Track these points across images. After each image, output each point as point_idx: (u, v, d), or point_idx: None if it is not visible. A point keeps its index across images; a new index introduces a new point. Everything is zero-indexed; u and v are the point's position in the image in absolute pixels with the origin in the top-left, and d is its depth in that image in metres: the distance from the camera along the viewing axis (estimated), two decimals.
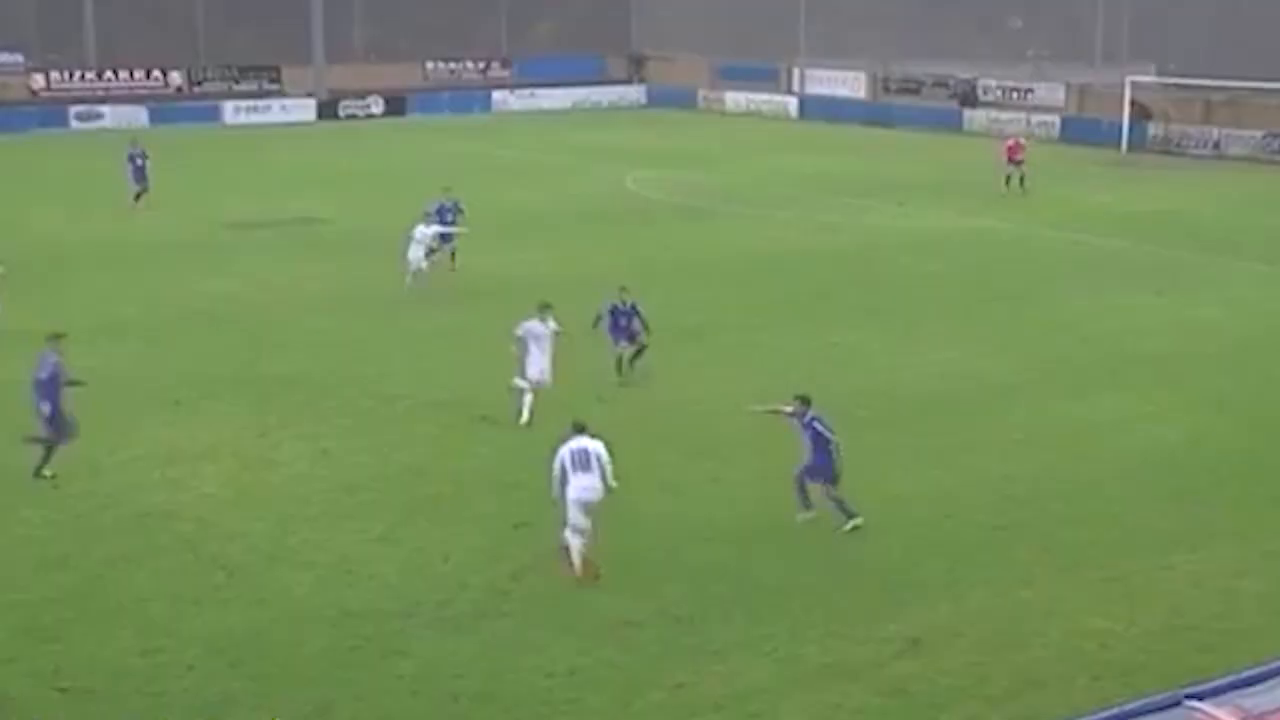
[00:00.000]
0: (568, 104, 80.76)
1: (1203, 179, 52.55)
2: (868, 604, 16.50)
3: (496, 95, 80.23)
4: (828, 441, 18.33)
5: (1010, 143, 49.39)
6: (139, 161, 43.33)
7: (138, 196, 43.04)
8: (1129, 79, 62.81)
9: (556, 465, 17.13)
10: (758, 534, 18.54)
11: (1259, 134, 58.28)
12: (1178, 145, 60.03)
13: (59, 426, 20.48)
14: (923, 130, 67.80)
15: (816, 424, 18.41)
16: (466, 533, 18.59)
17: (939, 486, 20.34)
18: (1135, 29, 77.31)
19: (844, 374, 25.93)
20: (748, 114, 77.21)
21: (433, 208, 33.89)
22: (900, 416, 23.51)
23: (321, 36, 76.69)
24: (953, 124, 68.75)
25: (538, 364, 22.80)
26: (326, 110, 74.62)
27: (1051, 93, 69.00)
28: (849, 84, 77.37)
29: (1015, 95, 69.93)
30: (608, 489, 17.05)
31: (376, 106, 75.95)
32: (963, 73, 72.91)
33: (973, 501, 19.73)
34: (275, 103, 74.30)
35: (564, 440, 17.36)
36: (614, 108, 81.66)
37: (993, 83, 71.23)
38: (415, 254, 31.71)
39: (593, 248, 38.04)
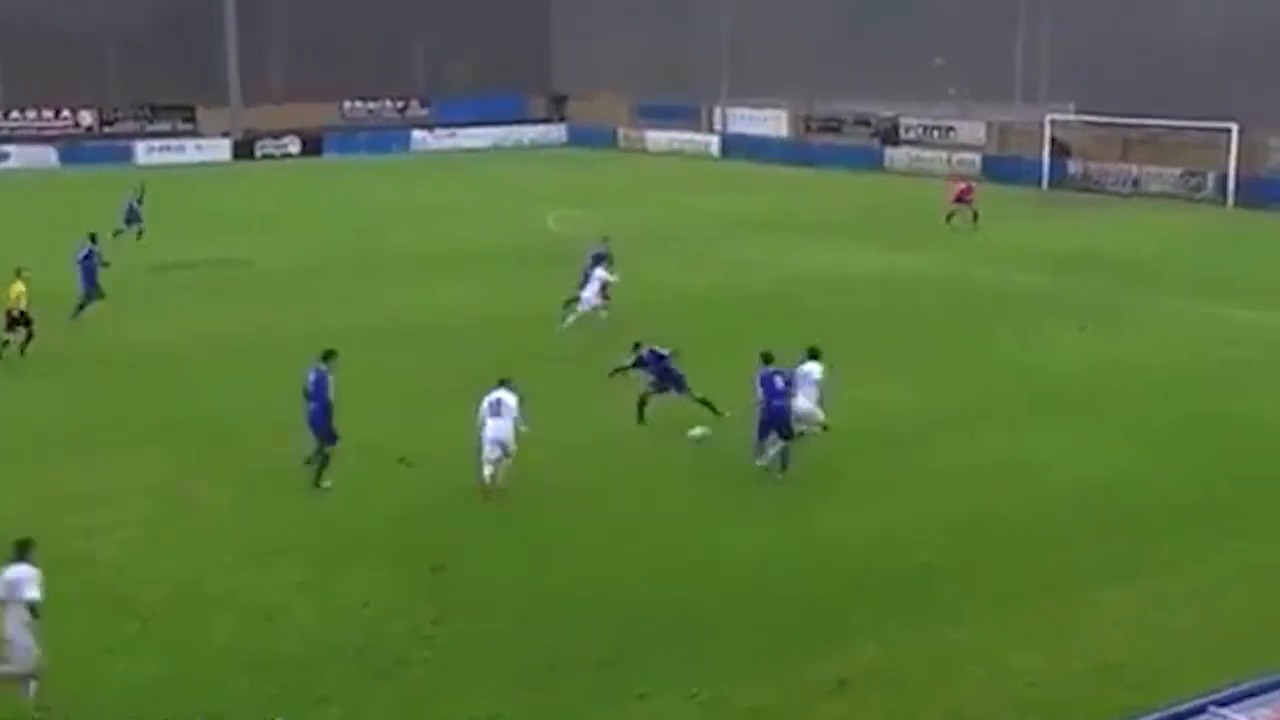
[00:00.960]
0: (488, 143, 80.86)
1: (1122, 216, 53.47)
2: (797, 644, 16.55)
3: (416, 135, 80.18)
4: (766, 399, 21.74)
5: (962, 186, 50.27)
6: (133, 202, 44.47)
7: (138, 233, 44.12)
8: (1049, 117, 63.95)
9: (480, 412, 21.10)
10: (689, 571, 18.58)
11: (1177, 171, 59.41)
12: (1097, 183, 61.07)
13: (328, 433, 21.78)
14: (845, 169, 68.51)
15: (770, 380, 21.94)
16: (386, 577, 18.46)
17: (869, 525, 20.46)
18: (1055, 67, 78.87)
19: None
20: (669, 153, 77.65)
21: (594, 253, 33.63)
22: (829, 455, 23.61)
23: (237, 75, 76.40)
24: (874, 162, 69.54)
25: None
26: (242, 150, 74.24)
27: (973, 131, 69.99)
28: (771, 123, 78.07)
29: (937, 133, 70.85)
30: (517, 431, 20.96)
31: (293, 146, 75.66)
32: (885, 111, 73.84)
33: (902, 540, 19.86)
34: (190, 142, 73.83)
35: (488, 391, 21.19)
36: (535, 147, 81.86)
37: (914, 121, 72.16)
38: (589, 294, 32.06)
39: (514, 288, 38.01)
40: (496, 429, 20.95)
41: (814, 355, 22.82)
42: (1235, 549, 19.65)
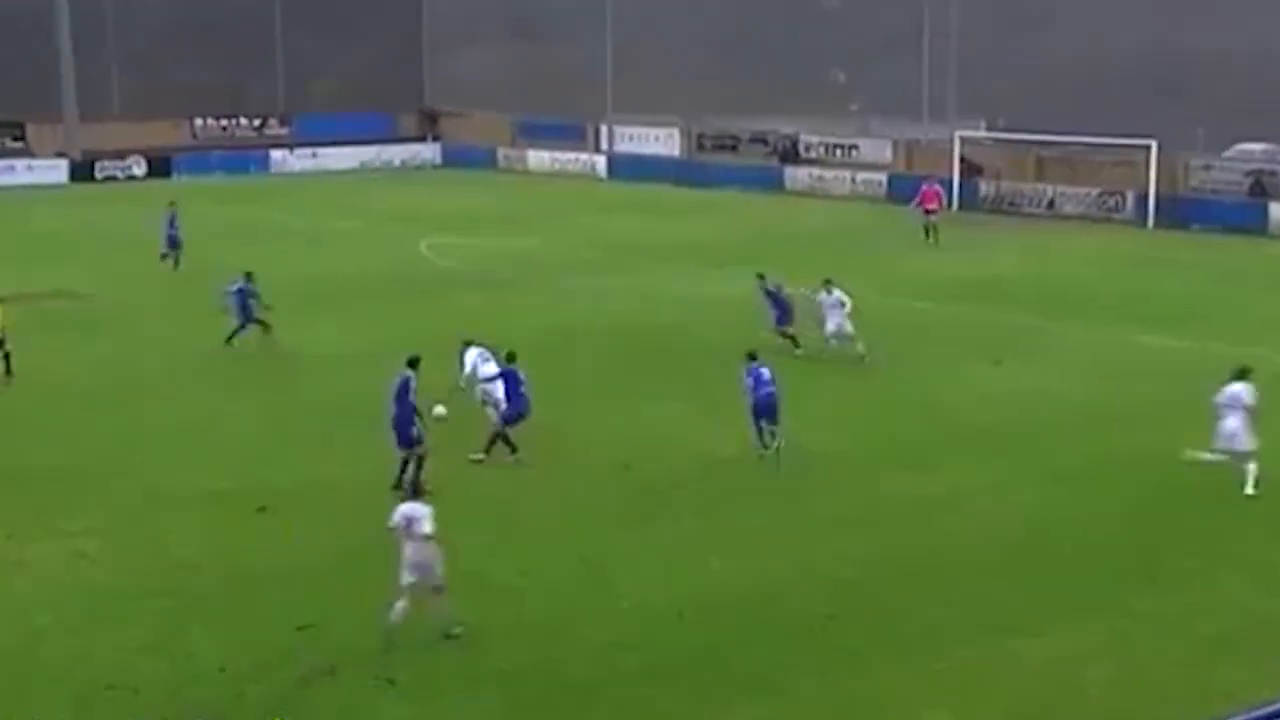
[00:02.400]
0: (354, 164, 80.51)
1: (1038, 239, 54.43)
2: (686, 701, 16.63)
3: (275, 155, 79.63)
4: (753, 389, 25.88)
5: (926, 189, 51.35)
6: (173, 222, 45.27)
7: (175, 260, 45.03)
8: (958, 134, 65.03)
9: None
10: (570, 627, 18.60)
11: (1094, 191, 60.63)
12: (1010, 204, 62.11)
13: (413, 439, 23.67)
14: (742, 189, 69.11)
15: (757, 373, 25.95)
16: (245, 638, 18.27)
17: (764, 572, 20.62)
18: (963, 82, 79.93)
19: (657, 452, 26.27)
20: (552, 174, 77.85)
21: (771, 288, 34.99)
22: (719, 497, 23.81)
23: (74, 90, 75.33)
24: (773, 183, 70.23)
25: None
26: (81, 171, 73.22)
27: (877, 149, 70.97)
28: (661, 141, 78.62)
29: (839, 152, 71.74)
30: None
31: (138, 167, 74.77)
32: (783, 128, 74.62)
33: (800, 587, 20.03)
34: (20, 163, 72.67)
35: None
36: (406, 168, 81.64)
37: (815, 139, 73.01)
38: (835, 320, 33.64)
39: (383, 320, 37.87)
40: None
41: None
42: (1155, 593, 20.03)
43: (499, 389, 26.13)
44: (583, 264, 47.31)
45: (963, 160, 63.61)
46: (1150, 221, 57.93)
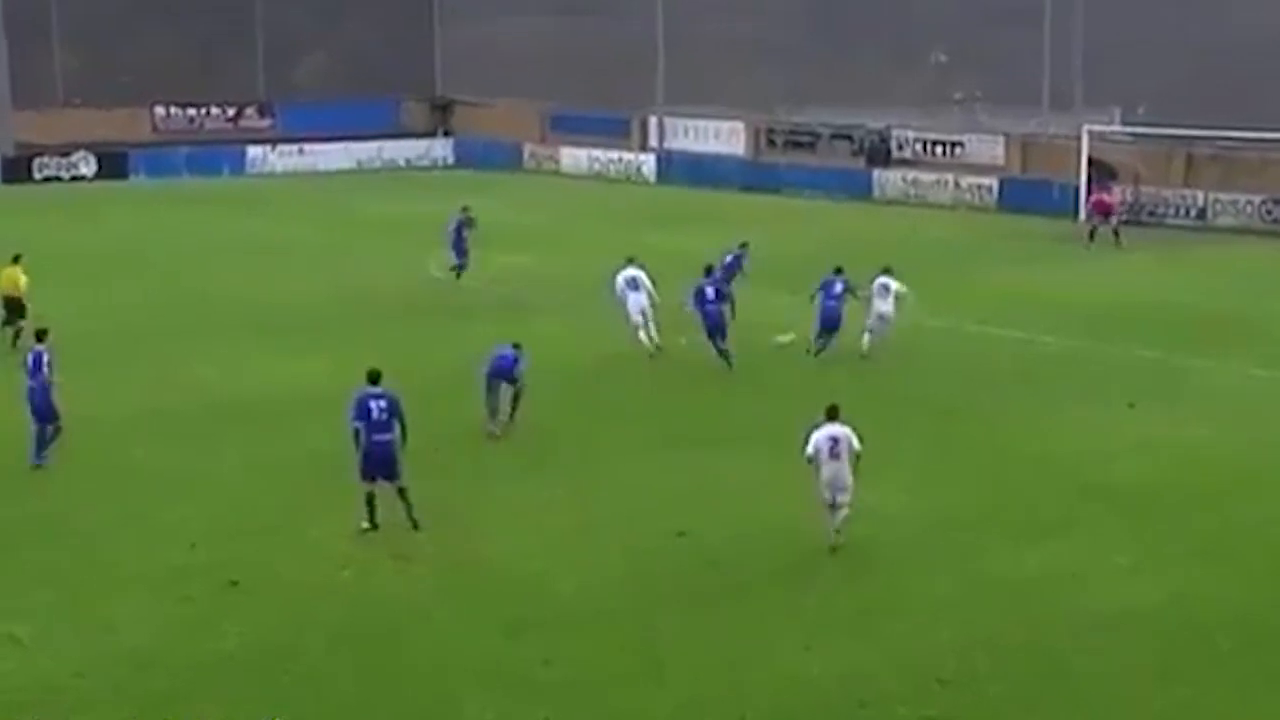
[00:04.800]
0: (350, 164, 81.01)
1: (1184, 256, 54.14)
2: None
3: (253, 152, 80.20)
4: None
5: (1105, 196, 52.08)
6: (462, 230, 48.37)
7: (457, 270, 48.26)
8: (1086, 128, 64.80)
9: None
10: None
11: (1256, 199, 60.29)
12: (1151, 213, 61.90)
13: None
14: (820, 196, 69.14)
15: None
16: None
17: (849, 664, 20.53)
18: (1093, 65, 79.60)
19: (723, 511, 26.35)
20: (590, 176, 78.07)
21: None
22: (797, 571, 23.74)
23: (6, 72, 75.93)
24: (859, 188, 70.25)
25: None
26: (15, 170, 73.91)
27: (987, 147, 70.85)
28: (723, 137, 78.77)
29: (940, 151, 71.70)
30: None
31: (87, 166, 75.48)
32: (872, 122, 74.62)
33: (892, 683, 19.94)
34: None
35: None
36: (413, 168, 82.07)
37: (910, 134, 72.99)
38: (885, 307, 38.17)
39: (384, 353, 37.85)
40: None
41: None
42: None
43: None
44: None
45: (1092, 160, 63.42)
46: None
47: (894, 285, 38.39)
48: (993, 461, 29.82)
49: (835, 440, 24.70)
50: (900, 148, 72.80)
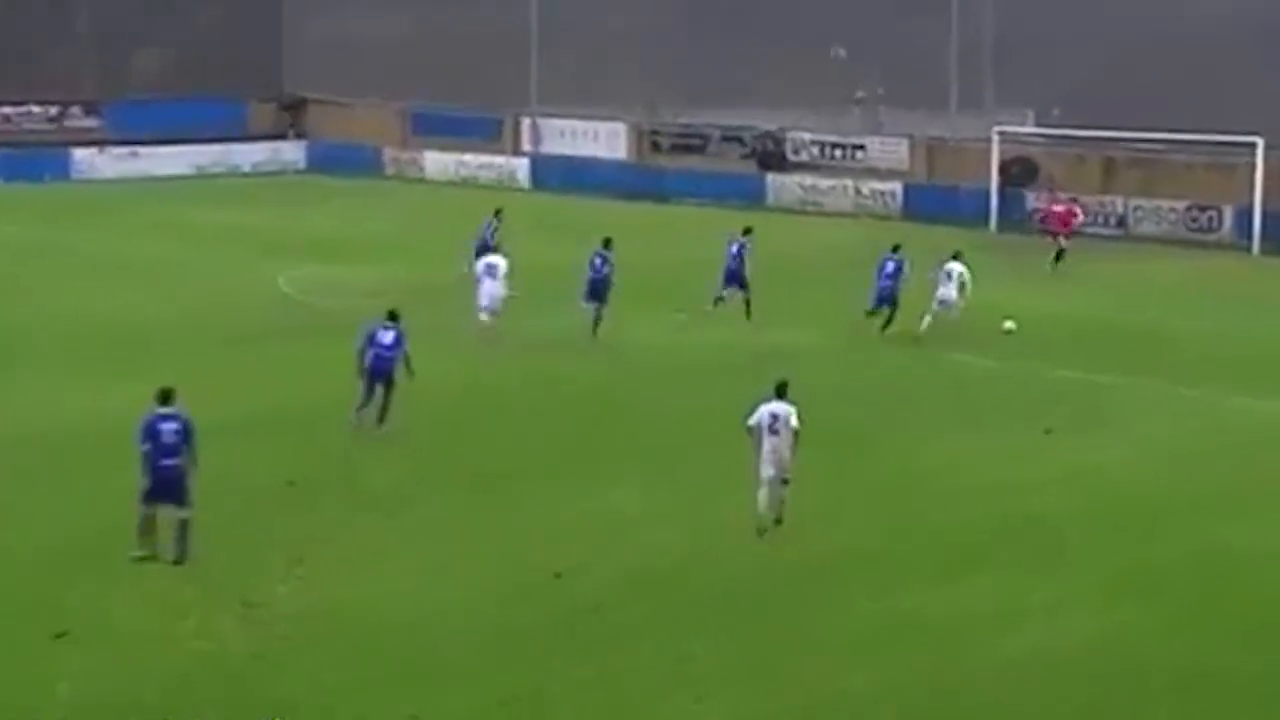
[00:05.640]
0: (189, 169, 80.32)
1: (1104, 268, 54.58)
2: None
3: (79, 155, 79.36)
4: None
5: (1062, 209, 52.33)
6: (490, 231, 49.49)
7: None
8: (998, 130, 65.31)
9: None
10: None
11: (1179, 206, 60.97)
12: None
13: None
14: (709, 204, 69.21)
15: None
16: None
17: (746, 717, 20.50)
18: (1004, 62, 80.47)
19: (604, 549, 26.29)
20: (458, 182, 77.80)
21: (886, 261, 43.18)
22: (688, 614, 23.67)
23: None
24: (751, 195, 70.42)
25: None
26: None
27: (890, 150, 71.23)
28: (604, 140, 78.77)
29: (839, 154, 72.02)
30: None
31: None
32: (765, 123, 74.86)
33: None
34: None
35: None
36: (260, 174, 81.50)
37: (806, 136, 73.27)
38: (947, 292, 42.85)
39: (230, 380, 37.57)
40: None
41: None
42: None
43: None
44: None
45: (1006, 165, 63.90)
46: (1255, 245, 58.34)
47: (958, 270, 42.76)
48: (904, 492, 29.89)
49: (776, 416, 26.90)
50: (796, 151, 73.07)
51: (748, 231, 46.80)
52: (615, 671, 21.79)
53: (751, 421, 27.14)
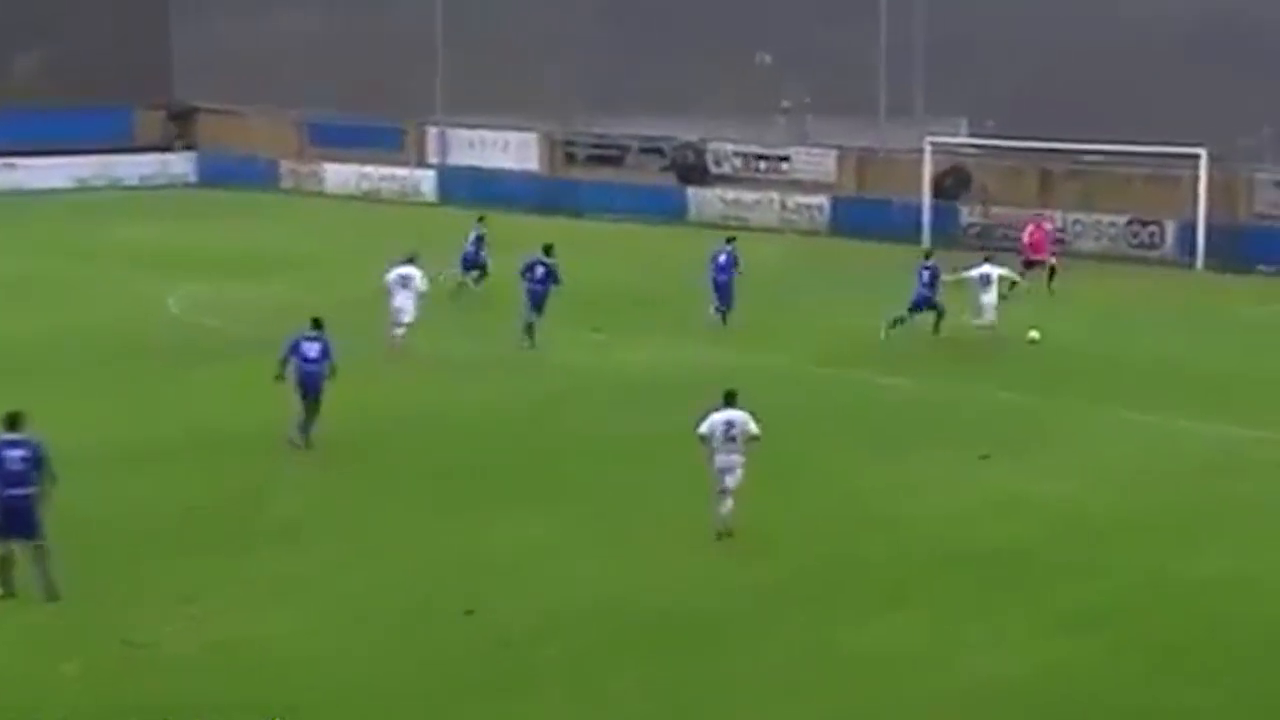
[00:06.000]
0: (70, 182, 79.92)
1: (1042, 287, 54.74)
2: None
3: None
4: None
5: (1033, 229, 53.75)
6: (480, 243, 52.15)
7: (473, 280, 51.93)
8: (930, 140, 65.55)
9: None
10: None
11: (1120, 220, 61.31)
12: (1004, 236, 62.56)
13: None
14: (627, 218, 69.18)
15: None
16: None
17: None
18: (936, 70, 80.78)
19: (517, 584, 26.22)
20: (360, 196, 77.60)
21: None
22: (607, 652, 23.63)
23: None
24: (672, 209, 70.50)
25: None
26: None
27: (817, 162, 71.36)
28: (514, 151, 78.74)
29: (763, 166, 72.10)
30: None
31: None
32: (686, 133, 74.91)
33: None
34: None
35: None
36: (148, 188, 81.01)
37: (729, 147, 73.36)
38: (989, 299, 45.27)
39: (114, 406, 37.36)
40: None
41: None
42: None
43: None
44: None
45: (939, 176, 64.11)
46: (1199, 261, 58.72)
47: (996, 274, 45.45)
48: (836, 521, 29.93)
49: (730, 424, 28.03)
50: (718, 163, 73.15)
51: (731, 240, 49.41)
52: (526, 714, 21.74)
53: (703, 429, 28.10)
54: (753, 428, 27.94)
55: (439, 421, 36.80)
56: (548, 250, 45.22)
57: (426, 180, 78.24)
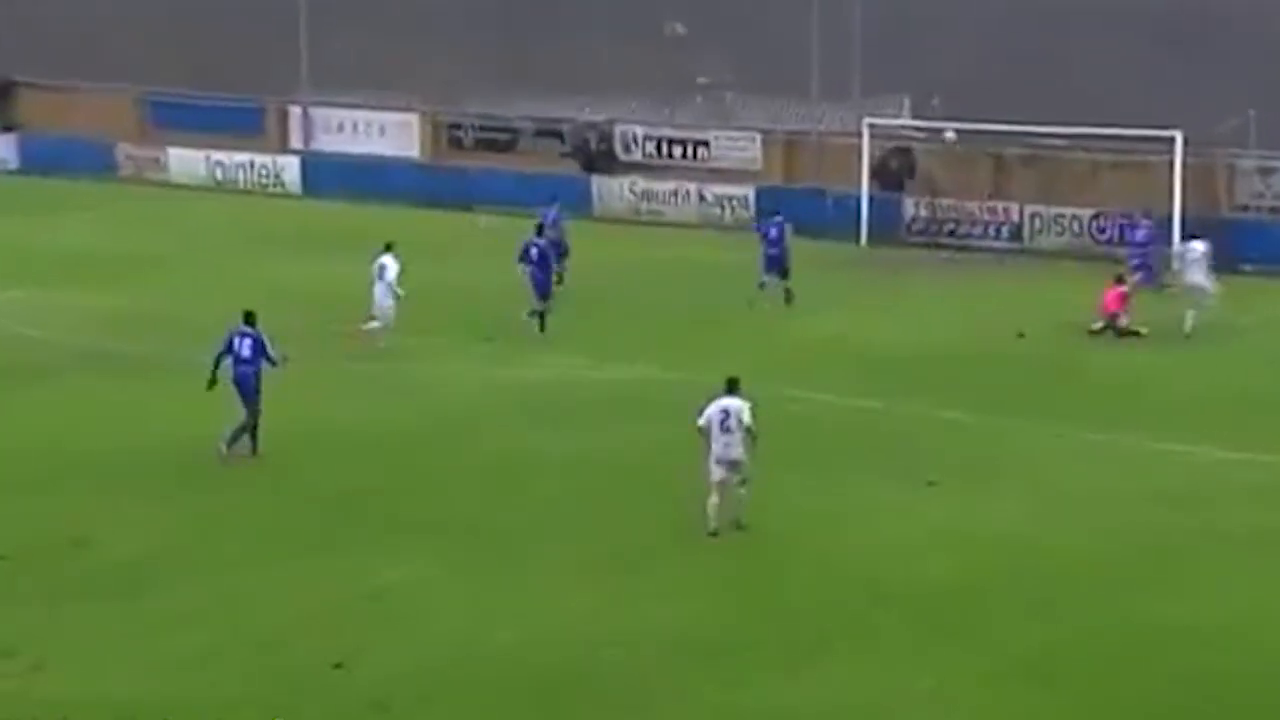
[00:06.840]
0: None
1: (995, 288, 55.08)
2: None
3: None
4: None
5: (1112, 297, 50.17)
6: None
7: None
8: (869, 122, 65.73)
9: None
10: None
11: (1084, 214, 61.53)
12: (952, 233, 62.89)
13: None
14: (521, 212, 68.60)
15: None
16: None
17: None
18: (876, 44, 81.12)
19: (392, 634, 26.39)
20: (211, 186, 77.30)
21: None
22: (494, 713, 23.81)
23: None
24: (574, 200, 69.93)
25: None
26: None
27: (739, 147, 71.46)
28: (392, 135, 78.54)
29: (679, 152, 72.07)
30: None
31: None
32: (589, 114, 74.95)
33: None
34: None
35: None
36: None
37: (639, 131, 73.34)
38: (1195, 274, 48.78)
39: None
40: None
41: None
42: None
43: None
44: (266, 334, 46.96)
45: (879, 163, 64.37)
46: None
47: (1201, 250, 49.12)
48: (760, 558, 30.13)
49: (727, 413, 30.47)
50: (627, 149, 73.02)
51: (777, 212, 53.36)
52: None
53: (701, 421, 30.70)
54: (747, 417, 29.93)
55: (300, 450, 36.72)
56: (539, 230, 50.86)
57: (289, 168, 77.76)
